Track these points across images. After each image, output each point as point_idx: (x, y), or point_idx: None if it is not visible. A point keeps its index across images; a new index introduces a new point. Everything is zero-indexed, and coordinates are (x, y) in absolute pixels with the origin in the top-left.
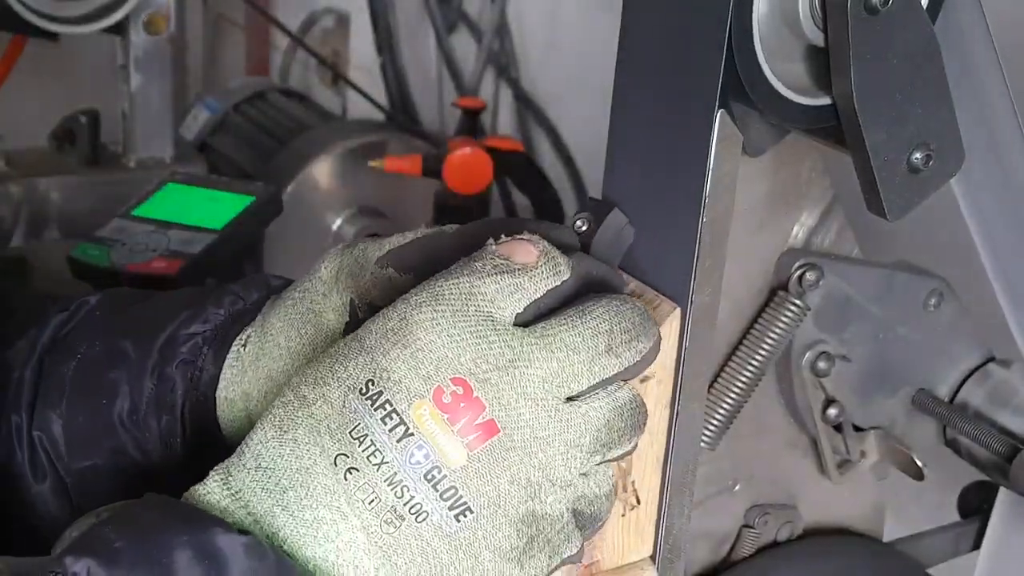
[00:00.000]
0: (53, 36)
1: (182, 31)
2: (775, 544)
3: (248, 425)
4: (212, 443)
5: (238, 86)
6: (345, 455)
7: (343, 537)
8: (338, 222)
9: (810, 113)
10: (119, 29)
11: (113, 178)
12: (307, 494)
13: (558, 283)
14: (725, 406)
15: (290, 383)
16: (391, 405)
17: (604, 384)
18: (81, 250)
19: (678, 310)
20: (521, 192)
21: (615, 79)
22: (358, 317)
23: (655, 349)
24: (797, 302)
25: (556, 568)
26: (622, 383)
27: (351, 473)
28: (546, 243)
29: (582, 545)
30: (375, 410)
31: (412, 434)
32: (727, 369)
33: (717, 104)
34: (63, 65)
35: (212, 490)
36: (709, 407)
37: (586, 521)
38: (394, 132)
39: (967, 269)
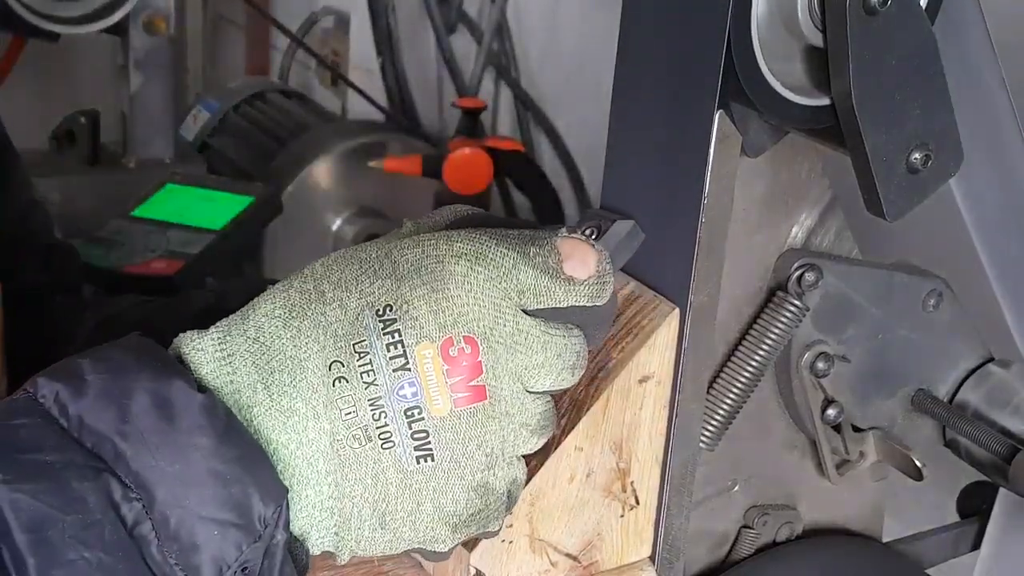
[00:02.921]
0: (53, 36)
1: (182, 31)
2: (774, 544)
3: None
4: None
5: (238, 86)
6: (341, 363)
7: (308, 434)
8: (338, 222)
9: (809, 113)
10: (119, 29)
11: (113, 178)
12: (291, 383)
13: (589, 306)
14: (724, 407)
15: (312, 269)
16: (399, 335)
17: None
18: (81, 250)
19: (677, 310)
20: (521, 192)
21: (615, 79)
22: None
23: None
24: (796, 302)
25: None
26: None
27: (340, 382)
28: (607, 264)
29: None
30: (384, 334)
31: (409, 369)
32: (726, 370)
33: (716, 104)
34: (63, 65)
35: (206, 346)
36: (708, 407)
37: (510, 504)
38: (394, 132)
39: (966, 269)
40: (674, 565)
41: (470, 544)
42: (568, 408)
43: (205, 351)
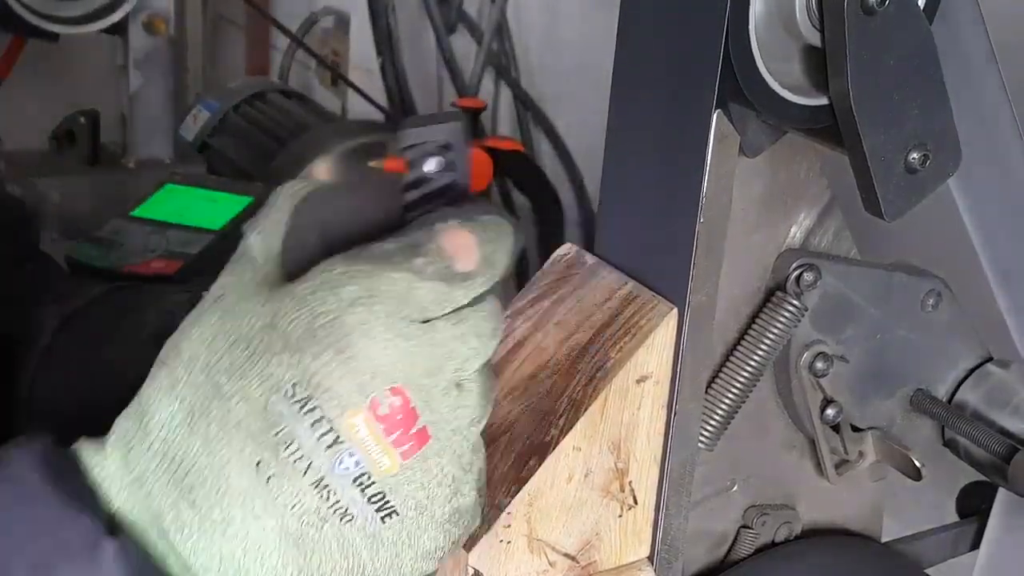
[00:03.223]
0: (53, 36)
1: (182, 31)
2: (773, 545)
3: None
4: None
5: (238, 86)
6: (267, 461)
7: (252, 536)
8: None
9: (807, 113)
10: (119, 29)
11: (113, 178)
12: (218, 493)
13: (486, 289)
14: (723, 406)
15: (193, 353)
16: (321, 412)
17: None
18: (80, 250)
19: (675, 310)
20: (521, 192)
21: (613, 79)
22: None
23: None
24: (795, 302)
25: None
26: None
27: (272, 479)
28: (490, 244)
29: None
30: (303, 415)
31: (343, 442)
32: (724, 370)
33: (714, 104)
34: (63, 65)
35: (112, 471)
36: (706, 407)
37: (482, 493)
38: (394, 132)
39: (965, 269)
40: (673, 565)
41: (468, 544)
42: (566, 408)
43: (112, 477)
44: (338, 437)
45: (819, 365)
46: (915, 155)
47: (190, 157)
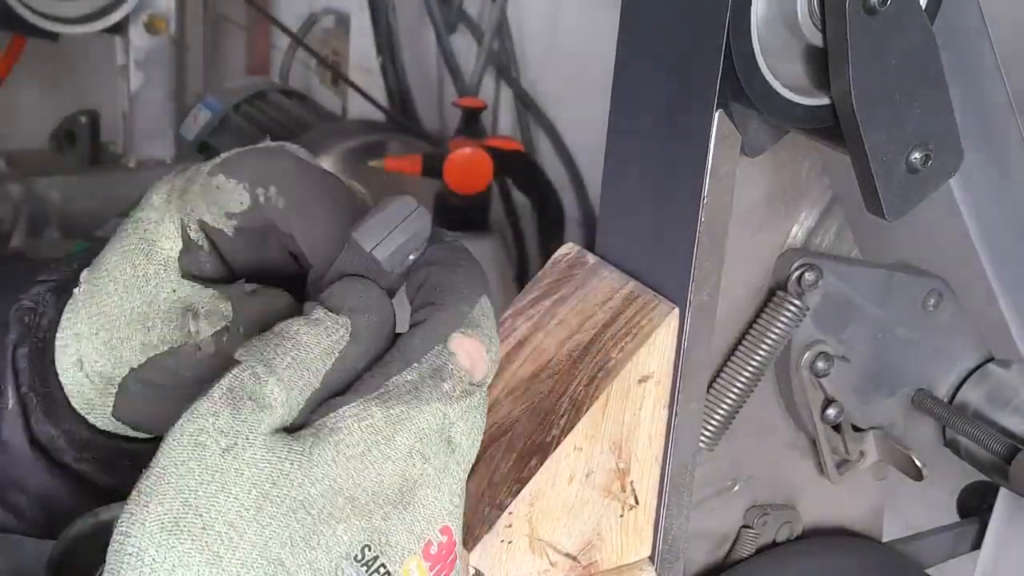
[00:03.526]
0: (53, 36)
1: (182, 31)
2: (774, 544)
3: (83, 377)
4: (55, 407)
5: (238, 86)
6: None
7: None
8: None
9: (809, 113)
10: (119, 29)
11: (113, 178)
12: None
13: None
14: (724, 406)
15: (239, 534)
16: (385, 568)
17: None
18: (80, 250)
19: (676, 310)
20: (521, 192)
21: (614, 79)
22: (190, 239)
23: None
24: (796, 302)
25: None
26: None
27: None
28: (493, 345)
29: None
30: (369, 574)
31: None
32: (726, 369)
33: (716, 104)
34: (63, 65)
35: None
36: (708, 407)
37: None
38: (394, 132)
39: (966, 269)
40: (674, 565)
41: (469, 544)
42: (567, 408)
43: None
44: None
45: (820, 365)
46: (916, 155)
47: (190, 157)
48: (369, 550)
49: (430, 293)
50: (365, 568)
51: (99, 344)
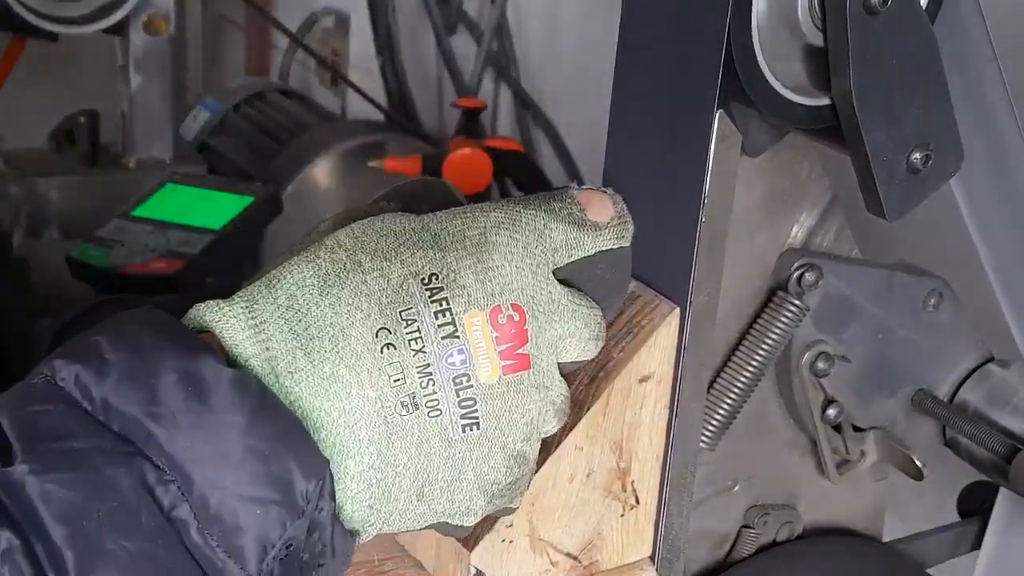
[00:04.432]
0: (53, 36)
1: (182, 31)
2: (774, 544)
3: None
4: None
5: (238, 86)
6: (388, 331)
7: (353, 401)
8: None
9: (809, 113)
10: (119, 29)
11: (113, 178)
12: (334, 349)
13: (615, 247)
14: (724, 406)
15: (337, 241)
16: (447, 303)
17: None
18: (81, 250)
19: (677, 310)
20: (521, 192)
21: (614, 79)
22: None
23: None
24: (796, 302)
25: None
26: None
27: (388, 348)
28: (623, 206)
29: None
30: (432, 302)
31: (458, 336)
32: (726, 369)
33: (716, 104)
34: (63, 65)
35: (236, 313)
36: (708, 407)
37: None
38: (394, 132)
39: (966, 269)
40: (674, 565)
41: (470, 544)
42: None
43: (236, 317)
44: (455, 330)
45: (821, 365)
46: (917, 155)
47: (190, 157)
48: (436, 279)
49: None
50: (429, 293)
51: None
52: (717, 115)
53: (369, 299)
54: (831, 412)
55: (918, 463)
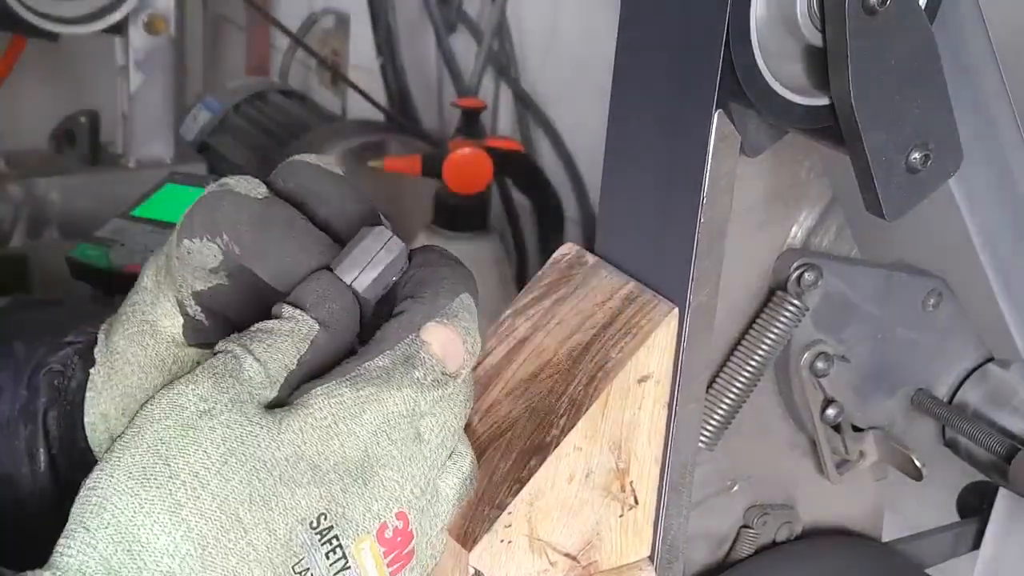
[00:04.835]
0: (53, 36)
1: (182, 31)
2: (774, 544)
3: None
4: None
5: (238, 86)
6: None
7: None
8: None
9: (808, 113)
10: (119, 29)
11: (113, 178)
12: None
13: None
14: (723, 406)
15: (200, 482)
16: (338, 541)
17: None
18: (80, 250)
19: (676, 310)
20: (521, 192)
21: (614, 79)
22: (188, 315)
23: None
24: (796, 302)
25: None
26: None
27: None
28: (470, 337)
29: None
30: (322, 544)
31: (349, 567)
32: (725, 369)
33: (715, 104)
34: (63, 65)
35: None
36: (707, 407)
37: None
38: (394, 132)
39: (966, 269)
40: (673, 565)
41: (469, 544)
42: (567, 408)
43: None
44: (346, 563)
45: (820, 365)
46: (916, 155)
47: (190, 157)
48: (325, 519)
49: (412, 288)
50: (319, 536)
51: (127, 421)
52: (716, 115)
53: (260, 564)
54: (830, 412)
55: (917, 463)
